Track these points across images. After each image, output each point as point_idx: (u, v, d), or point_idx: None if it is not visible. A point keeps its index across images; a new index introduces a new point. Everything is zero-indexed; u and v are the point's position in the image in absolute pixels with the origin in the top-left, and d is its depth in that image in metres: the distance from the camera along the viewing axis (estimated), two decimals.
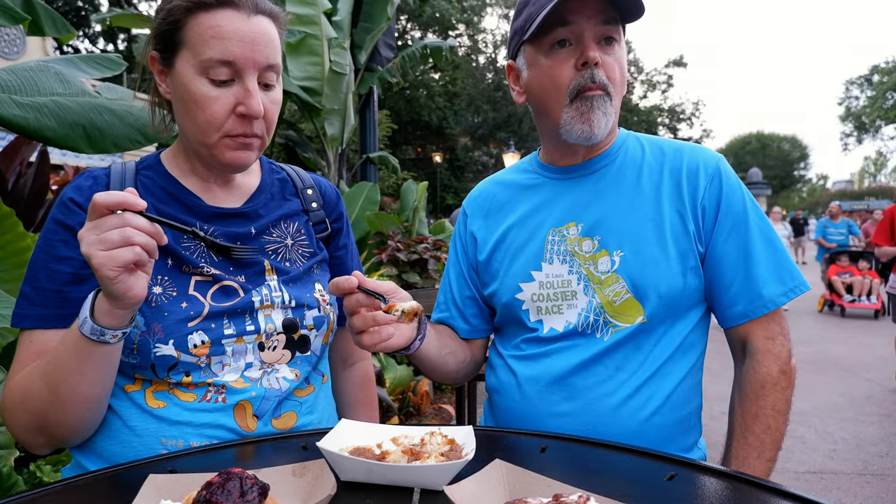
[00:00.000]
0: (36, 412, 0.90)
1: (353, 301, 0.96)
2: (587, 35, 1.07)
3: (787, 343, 1.12)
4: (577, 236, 1.16)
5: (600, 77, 1.07)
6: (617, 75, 1.10)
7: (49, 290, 0.95)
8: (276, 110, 1.03)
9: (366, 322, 0.96)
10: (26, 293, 0.95)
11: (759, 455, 1.06)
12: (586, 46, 1.06)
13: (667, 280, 1.10)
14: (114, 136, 1.56)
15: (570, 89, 1.09)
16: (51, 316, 0.94)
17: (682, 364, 1.13)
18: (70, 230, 0.96)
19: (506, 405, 1.21)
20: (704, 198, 1.13)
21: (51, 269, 0.95)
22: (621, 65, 1.11)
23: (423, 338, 1.12)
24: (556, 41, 1.09)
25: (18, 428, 0.93)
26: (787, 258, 1.14)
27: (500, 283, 1.23)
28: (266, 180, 1.16)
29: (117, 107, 1.61)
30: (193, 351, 0.96)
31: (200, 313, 0.98)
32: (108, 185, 1.02)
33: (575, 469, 0.86)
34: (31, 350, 0.94)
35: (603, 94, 1.08)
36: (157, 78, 1.02)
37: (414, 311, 0.94)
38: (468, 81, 31.34)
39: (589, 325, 1.13)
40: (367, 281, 0.95)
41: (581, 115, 1.09)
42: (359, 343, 0.99)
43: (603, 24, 1.07)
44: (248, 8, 0.96)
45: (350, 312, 0.97)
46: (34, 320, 0.94)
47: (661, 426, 1.10)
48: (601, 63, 1.07)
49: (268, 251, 1.09)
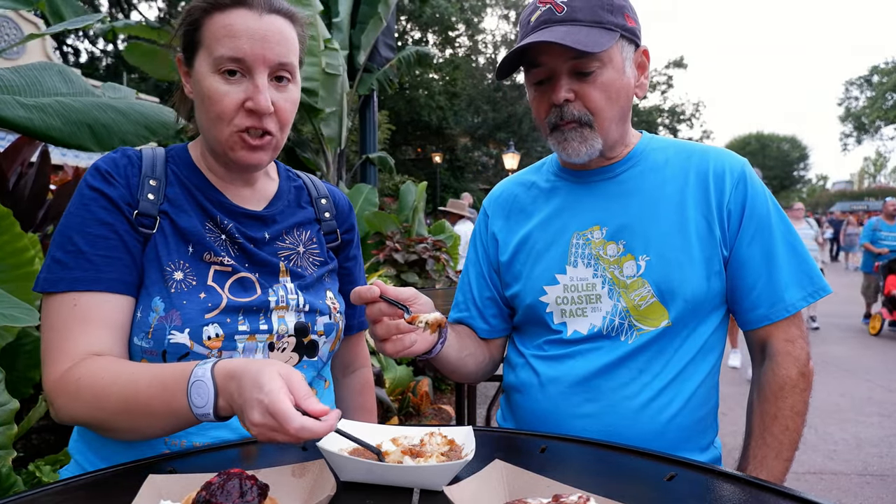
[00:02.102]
0: (101, 420, 0.89)
1: (376, 310, 0.96)
2: (559, 73, 1.11)
3: (806, 346, 1.14)
4: (601, 240, 1.17)
5: (570, 113, 1.12)
6: (599, 103, 1.11)
7: (88, 252, 0.94)
8: (291, 109, 1.04)
9: (389, 331, 0.97)
10: (59, 258, 0.94)
11: (776, 455, 1.08)
12: (555, 87, 1.12)
13: (692, 284, 1.11)
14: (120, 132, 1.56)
15: (548, 123, 1.15)
16: (88, 279, 0.93)
17: (703, 366, 1.14)
18: (109, 199, 0.97)
19: (527, 405, 1.21)
20: (730, 201, 1.14)
21: (90, 233, 0.95)
22: (611, 85, 1.11)
23: (444, 342, 1.13)
24: (535, 81, 1.15)
25: (70, 413, 0.90)
26: (809, 262, 1.15)
27: (522, 284, 1.24)
28: (283, 187, 1.18)
29: (121, 104, 1.61)
30: (207, 343, 0.97)
31: (218, 305, 0.99)
32: (140, 167, 1.03)
33: (575, 469, 0.86)
34: (76, 315, 0.92)
35: (576, 126, 1.12)
36: (183, 79, 1.05)
37: (437, 323, 0.94)
38: (468, 82, 31.33)
39: (614, 329, 1.14)
40: (389, 289, 0.96)
41: (558, 143, 1.15)
42: (382, 350, 0.99)
43: (574, 59, 1.09)
44: (262, 7, 0.98)
45: (373, 321, 0.98)
46: (69, 283, 0.92)
47: (681, 427, 1.11)
48: (579, 95, 1.11)
49: (280, 257, 1.10)
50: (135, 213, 0.99)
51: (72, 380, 0.88)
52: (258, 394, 0.72)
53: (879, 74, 42.50)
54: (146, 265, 0.98)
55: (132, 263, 0.97)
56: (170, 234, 1.01)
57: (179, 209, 1.03)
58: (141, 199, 1.00)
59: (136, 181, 1.01)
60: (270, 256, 1.08)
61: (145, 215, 0.99)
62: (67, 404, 0.89)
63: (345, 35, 7.45)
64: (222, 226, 1.05)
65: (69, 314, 0.92)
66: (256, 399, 0.72)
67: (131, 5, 21.26)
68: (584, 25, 1.07)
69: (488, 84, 32.72)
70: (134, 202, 0.99)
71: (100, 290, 0.93)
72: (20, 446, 1.89)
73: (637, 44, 1.16)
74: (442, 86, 28.47)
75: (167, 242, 1.00)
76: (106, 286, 0.94)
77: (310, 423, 0.71)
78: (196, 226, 1.02)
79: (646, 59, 1.18)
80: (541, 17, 1.10)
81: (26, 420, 1.66)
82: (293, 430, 0.70)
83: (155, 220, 1.00)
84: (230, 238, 1.05)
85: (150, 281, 0.97)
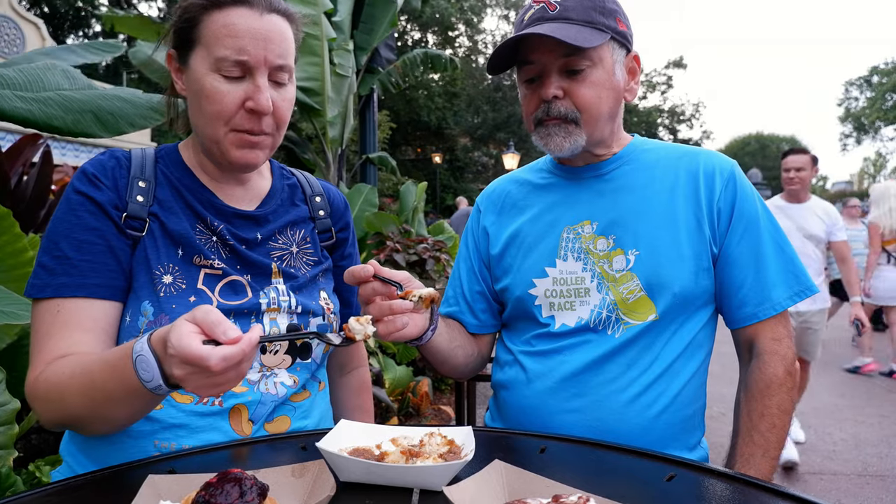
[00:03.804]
0: (73, 417, 0.88)
1: (369, 289, 0.96)
2: (549, 69, 1.13)
3: (792, 345, 1.16)
4: (591, 234, 1.19)
5: (557, 110, 1.14)
6: (588, 100, 1.13)
7: (74, 259, 0.93)
8: (288, 108, 1.03)
9: (381, 311, 0.97)
10: (45, 263, 0.93)
11: (764, 453, 1.09)
12: (544, 84, 1.14)
13: (680, 279, 1.13)
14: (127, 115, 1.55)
15: (534, 119, 1.18)
16: (73, 284, 0.93)
17: (691, 363, 1.16)
18: (96, 203, 0.96)
19: (514, 401, 1.22)
20: (720, 200, 1.16)
21: (77, 238, 0.94)
22: (600, 84, 1.14)
23: (434, 328, 1.13)
24: (526, 79, 1.18)
25: (48, 416, 0.90)
26: (796, 261, 1.18)
27: (512, 277, 1.25)
28: (276, 185, 1.17)
29: (125, 93, 1.61)
30: None
31: None
32: (129, 168, 1.02)
33: (574, 470, 0.86)
34: (59, 320, 0.91)
35: (560, 123, 1.14)
36: (174, 76, 1.04)
37: (431, 297, 0.96)
38: (468, 82, 31.31)
39: (601, 322, 1.15)
40: (383, 270, 0.96)
41: (541, 138, 1.18)
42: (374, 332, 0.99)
43: (564, 56, 1.11)
44: (262, 6, 0.98)
45: (365, 301, 0.98)
46: (54, 289, 0.92)
47: (669, 424, 1.12)
48: (568, 92, 1.13)
49: (273, 257, 1.09)
50: (123, 216, 0.98)
51: (41, 383, 0.88)
52: (170, 349, 0.68)
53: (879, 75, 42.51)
54: (135, 268, 0.97)
55: (119, 268, 0.96)
56: (159, 236, 1.00)
57: (169, 211, 1.02)
58: (130, 201, 0.99)
59: (124, 182, 1.00)
60: (262, 258, 1.07)
61: (134, 218, 0.98)
62: (41, 407, 0.89)
63: (346, 35, 7.43)
64: (213, 227, 1.04)
65: (52, 320, 0.92)
66: (169, 355, 0.69)
67: (131, 4, 21.26)
68: (575, 24, 1.10)
69: (488, 84, 32.71)
70: (122, 204, 0.98)
71: (84, 295, 0.92)
72: (20, 446, 1.89)
73: (628, 48, 1.19)
74: (441, 86, 28.45)
75: (156, 245, 0.99)
76: (91, 292, 0.93)
77: (229, 351, 0.67)
78: (186, 228, 1.01)
79: (636, 65, 1.22)
80: (534, 16, 1.13)
81: (27, 420, 1.66)
82: (215, 367, 0.66)
83: (144, 223, 0.99)
84: (221, 240, 1.04)
85: (139, 285, 0.96)
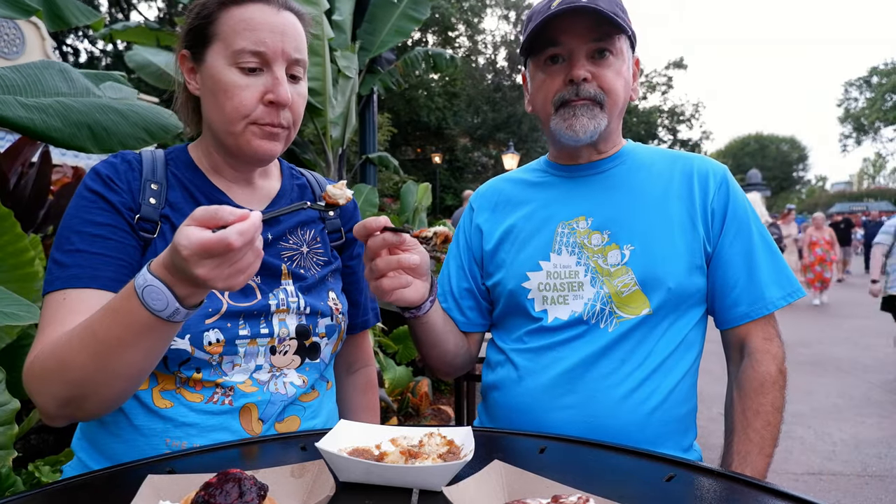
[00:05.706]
0: (75, 383, 0.84)
1: (379, 241, 0.96)
2: (577, 52, 1.15)
3: (781, 345, 1.18)
4: (586, 230, 1.20)
5: (586, 91, 1.14)
6: (614, 84, 1.16)
7: (85, 252, 0.94)
8: (303, 103, 1.06)
9: (389, 264, 0.97)
10: (57, 259, 0.94)
11: (760, 450, 1.10)
12: (574, 64, 1.14)
13: (675, 275, 1.14)
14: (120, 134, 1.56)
15: (555, 100, 1.17)
16: (84, 276, 0.93)
17: (684, 361, 1.17)
18: (109, 203, 0.97)
19: (505, 401, 1.22)
20: (714, 201, 1.19)
21: (88, 233, 0.95)
22: (621, 74, 1.17)
23: (433, 300, 1.14)
24: (548, 57, 1.17)
25: (46, 396, 0.86)
26: (784, 265, 1.21)
27: (506, 272, 1.26)
28: (286, 185, 1.18)
29: (122, 106, 1.61)
30: (207, 348, 0.97)
31: (218, 311, 0.99)
32: (141, 171, 1.03)
33: (574, 470, 0.86)
34: (64, 308, 0.90)
35: (589, 103, 1.15)
36: (187, 76, 1.05)
37: (444, 235, 0.97)
38: (468, 82, 31.29)
39: (595, 315, 1.16)
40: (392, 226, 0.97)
41: (564, 120, 1.16)
42: (378, 289, 0.99)
43: (594, 41, 1.13)
44: (278, 3, 1.01)
45: (372, 256, 0.98)
46: (64, 280, 0.92)
47: (662, 422, 1.13)
48: (594, 76, 1.15)
49: (284, 258, 1.10)
50: (136, 218, 0.99)
51: (37, 360, 0.86)
52: (184, 251, 0.71)
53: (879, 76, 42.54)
54: None
55: (129, 265, 0.97)
56: (171, 239, 1.00)
57: (181, 213, 1.03)
58: (143, 203, 1.00)
59: (137, 185, 1.01)
60: (273, 259, 1.08)
61: (147, 220, 0.99)
62: (40, 388, 0.86)
63: (347, 35, 7.41)
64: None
65: (57, 308, 0.91)
66: (183, 258, 0.71)
67: (131, 5, 21.24)
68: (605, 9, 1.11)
69: (488, 84, 32.72)
70: (136, 207, 0.99)
71: (94, 287, 0.92)
72: (20, 447, 1.89)
73: (633, 51, 1.23)
74: (441, 86, 28.45)
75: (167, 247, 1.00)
76: (101, 284, 0.93)
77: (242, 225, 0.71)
78: None
79: (637, 68, 1.25)
80: (563, 2, 1.12)
81: (27, 420, 1.66)
82: (236, 242, 0.70)
83: (156, 225, 1.00)
84: None
85: None
